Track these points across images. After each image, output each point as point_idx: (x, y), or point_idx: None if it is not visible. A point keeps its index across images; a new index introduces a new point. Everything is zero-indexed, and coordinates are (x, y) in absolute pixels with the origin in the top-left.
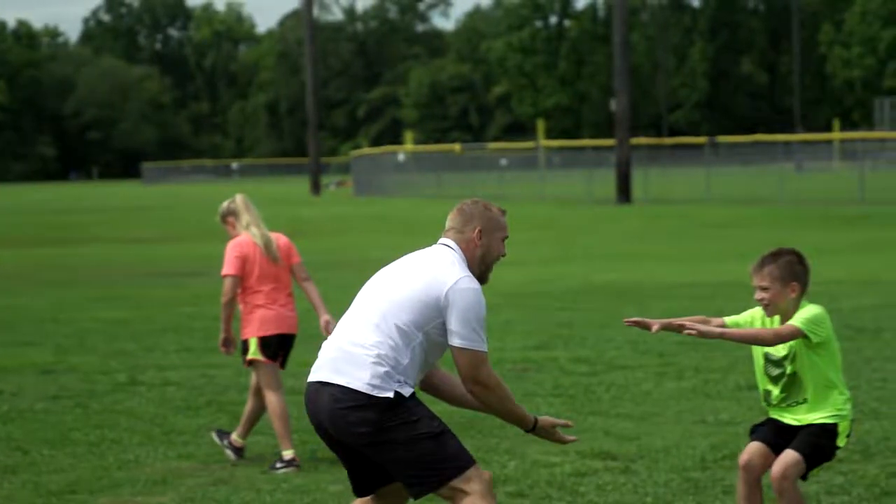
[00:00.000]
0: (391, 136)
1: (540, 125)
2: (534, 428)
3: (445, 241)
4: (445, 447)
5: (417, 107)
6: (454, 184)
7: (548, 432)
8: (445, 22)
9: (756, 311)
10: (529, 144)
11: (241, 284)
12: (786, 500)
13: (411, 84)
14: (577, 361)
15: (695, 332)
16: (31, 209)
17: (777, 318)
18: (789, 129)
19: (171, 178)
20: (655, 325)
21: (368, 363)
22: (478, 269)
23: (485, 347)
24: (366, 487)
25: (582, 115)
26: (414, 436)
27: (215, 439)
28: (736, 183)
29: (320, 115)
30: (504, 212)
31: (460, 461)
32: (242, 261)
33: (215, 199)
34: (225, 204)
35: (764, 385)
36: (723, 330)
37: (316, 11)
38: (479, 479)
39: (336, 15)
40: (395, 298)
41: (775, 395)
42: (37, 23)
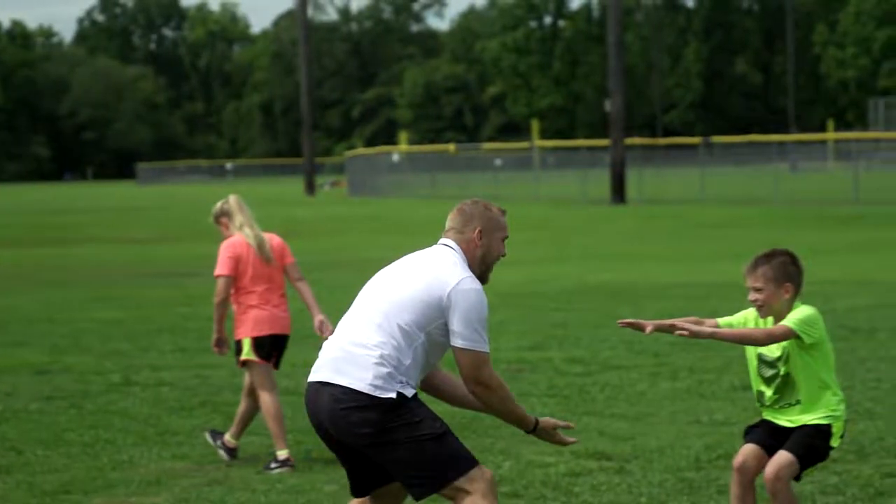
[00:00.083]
0: (386, 136)
1: (534, 125)
2: (535, 429)
3: (446, 241)
4: (448, 448)
5: (412, 107)
6: (449, 184)
7: (548, 434)
8: (440, 22)
9: (749, 312)
10: (524, 145)
11: (235, 285)
12: (779, 502)
13: (406, 84)
14: (572, 362)
15: (686, 333)
16: (26, 209)
17: (770, 320)
18: (784, 130)
19: (166, 179)
20: (649, 327)
21: (371, 364)
22: (478, 270)
23: (487, 348)
24: (364, 488)
25: (576, 116)
26: (416, 436)
27: (209, 440)
28: (730, 183)
29: (315, 116)
30: (504, 212)
31: (462, 461)
32: (236, 261)
33: (210, 199)
34: (218, 205)
35: (757, 386)
36: (714, 330)
37: (310, 11)
38: (481, 479)
39: (330, 15)
40: (397, 299)
41: (768, 397)
42: (31, 23)
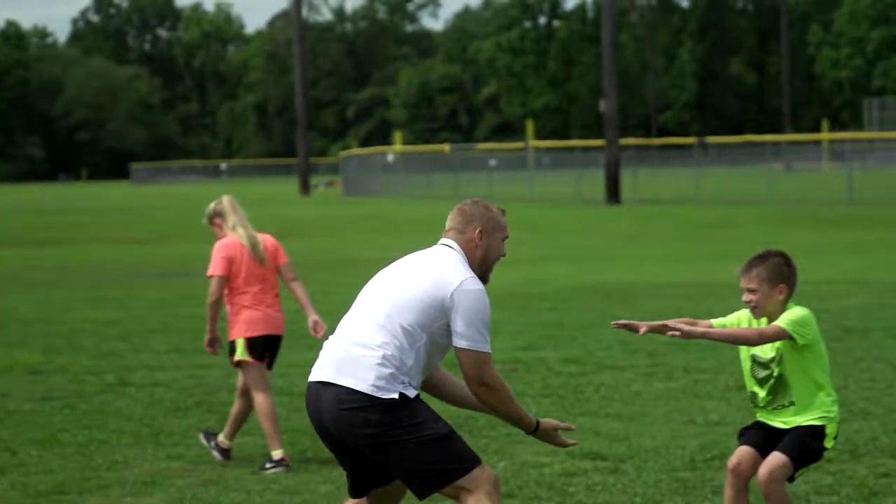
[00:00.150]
0: (380, 136)
1: (529, 126)
2: (536, 430)
3: (446, 241)
4: (450, 448)
5: (406, 107)
6: (443, 184)
7: (549, 435)
8: (434, 22)
9: (743, 313)
10: (518, 145)
11: (228, 285)
12: (773, 503)
13: (400, 84)
14: (567, 362)
15: (678, 333)
16: (20, 210)
17: (764, 321)
18: (778, 130)
19: (160, 179)
20: (643, 328)
21: (373, 364)
22: (479, 270)
23: (489, 348)
24: (363, 488)
25: (571, 116)
26: (418, 437)
27: (203, 441)
28: (725, 183)
29: (309, 116)
30: (504, 212)
31: (465, 461)
32: (229, 261)
33: (204, 199)
34: (212, 205)
35: (751, 387)
36: (706, 329)
37: (305, 12)
38: (484, 479)
39: (325, 15)
40: (400, 299)
41: (762, 398)
42: (25, 23)
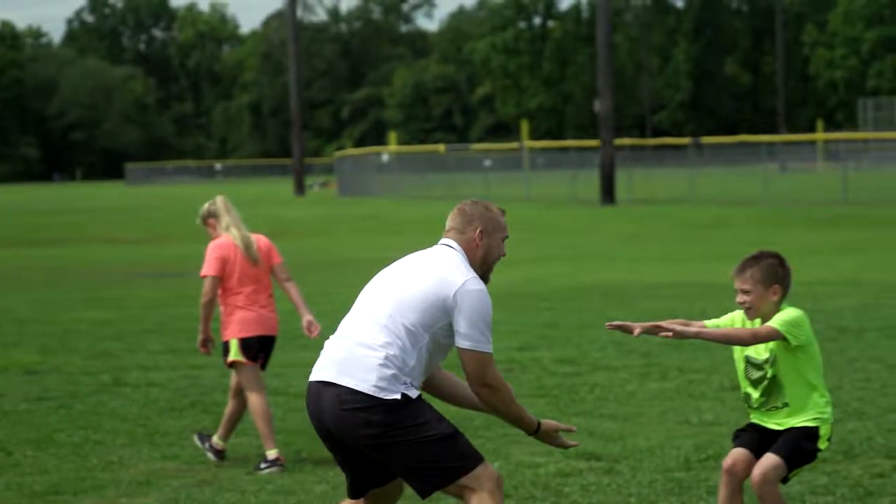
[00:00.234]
0: (375, 136)
1: (524, 126)
2: (537, 431)
3: (447, 241)
4: (453, 447)
5: (401, 107)
6: (438, 185)
7: (550, 436)
8: (429, 23)
9: (736, 314)
10: (513, 145)
11: (222, 286)
12: None
13: (395, 85)
14: (561, 362)
15: (670, 334)
16: (15, 210)
17: (758, 321)
18: (773, 130)
19: (155, 179)
20: (637, 329)
21: (375, 365)
22: (479, 270)
23: (491, 349)
24: (362, 489)
25: (566, 116)
26: (421, 438)
27: (197, 443)
28: (720, 183)
29: (304, 116)
30: (504, 212)
31: (468, 459)
32: (222, 262)
33: (199, 199)
34: (205, 206)
35: (744, 388)
36: (699, 330)
37: (300, 12)
38: (486, 477)
39: (320, 15)
40: (402, 299)
41: (755, 399)
42: (20, 23)
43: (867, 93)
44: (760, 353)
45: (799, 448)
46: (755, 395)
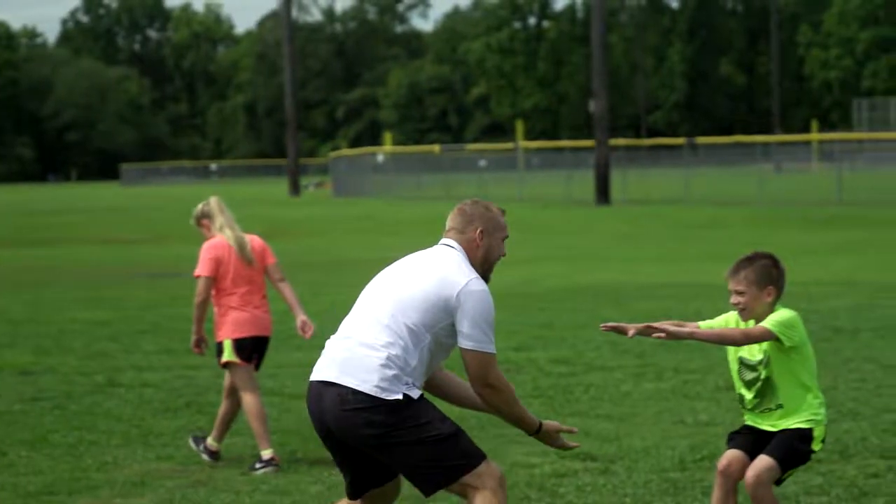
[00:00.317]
0: (370, 137)
1: (519, 126)
2: (538, 431)
3: (448, 241)
4: (456, 446)
5: (396, 108)
6: (433, 185)
7: (551, 437)
8: (424, 23)
9: (730, 315)
10: (508, 145)
11: (216, 286)
12: None
13: (390, 85)
14: (556, 362)
15: (663, 335)
16: (10, 210)
17: (752, 323)
18: (768, 130)
19: (150, 180)
20: (631, 331)
21: (377, 365)
22: (480, 270)
23: (494, 349)
24: (360, 489)
25: (560, 116)
26: (423, 437)
27: (192, 445)
28: (715, 184)
29: (299, 116)
30: (504, 212)
31: (471, 458)
32: (216, 262)
33: (194, 200)
34: (199, 206)
35: (738, 389)
36: (692, 330)
37: (294, 12)
38: (489, 475)
39: (315, 16)
40: (404, 298)
41: (749, 400)
42: (15, 23)
43: (862, 93)
44: (754, 354)
45: (792, 450)
46: (749, 396)
